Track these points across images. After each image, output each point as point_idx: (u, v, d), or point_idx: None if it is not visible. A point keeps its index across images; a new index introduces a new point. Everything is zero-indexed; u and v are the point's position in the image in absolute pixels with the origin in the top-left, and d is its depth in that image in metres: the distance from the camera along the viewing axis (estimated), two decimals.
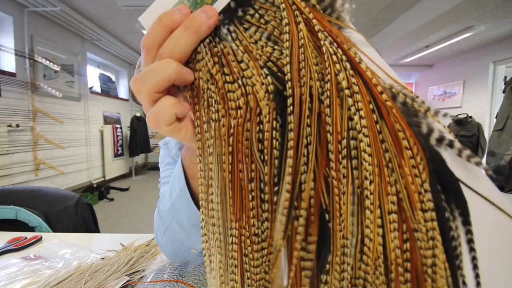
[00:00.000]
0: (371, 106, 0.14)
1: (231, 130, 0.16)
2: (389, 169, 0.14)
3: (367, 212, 0.14)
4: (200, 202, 0.18)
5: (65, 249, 0.62)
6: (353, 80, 0.15)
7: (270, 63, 0.16)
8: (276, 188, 0.15)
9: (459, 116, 4.46)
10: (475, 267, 0.13)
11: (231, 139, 0.16)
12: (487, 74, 4.30)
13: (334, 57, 0.15)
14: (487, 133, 4.28)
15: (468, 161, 0.14)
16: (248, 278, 0.16)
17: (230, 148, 0.16)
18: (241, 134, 0.16)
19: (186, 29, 0.16)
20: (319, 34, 0.15)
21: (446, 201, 0.14)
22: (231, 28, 0.16)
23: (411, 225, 0.13)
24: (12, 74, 2.67)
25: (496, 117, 3.88)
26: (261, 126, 0.15)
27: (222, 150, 0.16)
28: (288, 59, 0.15)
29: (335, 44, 0.15)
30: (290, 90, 0.15)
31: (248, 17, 0.16)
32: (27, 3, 2.73)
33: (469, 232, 0.14)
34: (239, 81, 0.16)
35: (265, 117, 0.15)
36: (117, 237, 0.70)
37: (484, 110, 4.38)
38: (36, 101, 2.92)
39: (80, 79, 3.73)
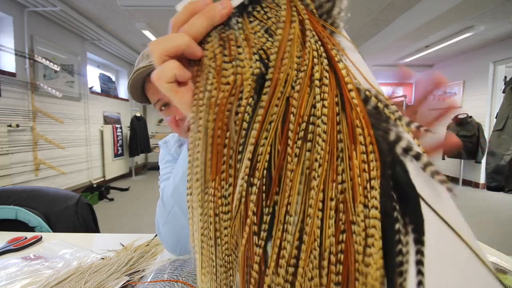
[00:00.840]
0: (336, 99, 0.16)
1: (218, 101, 0.18)
2: (339, 158, 0.15)
3: (312, 192, 0.14)
4: (189, 159, 0.20)
5: (65, 249, 0.62)
6: (326, 74, 0.16)
7: (261, 51, 0.18)
8: (239, 156, 0.17)
9: (459, 116, 4.46)
10: None
11: (216, 108, 0.18)
12: (487, 74, 4.30)
13: (314, 52, 0.17)
14: (487, 133, 4.28)
15: (432, 177, 0.14)
16: (218, 238, 0.17)
17: (214, 116, 0.18)
18: (224, 105, 0.18)
19: (203, 15, 0.20)
20: (307, 32, 0.17)
21: (400, 212, 0.13)
22: (239, 19, 0.20)
23: (349, 217, 0.13)
24: (12, 74, 2.67)
25: (496, 117, 3.88)
26: (241, 101, 0.18)
27: (208, 117, 0.18)
28: (276, 50, 0.17)
29: (319, 42, 0.17)
30: (271, 75, 0.17)
31: (255, 13, 0.20)
32: (27, 3, 2.73)
33: (419, 252, 0.13)
34: (233, 62, 0.19)
35: (245, 94, 0.17)
36: (117, 237, 0.70)
37: (484, 110, 4.38)
38: (36, 101, 2.92)
39: (80, 79, 3.73)
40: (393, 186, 0.14)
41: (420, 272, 0.13)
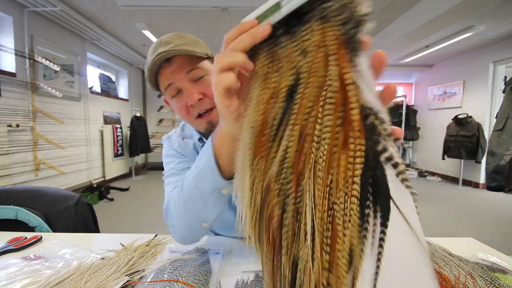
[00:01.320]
0: (340, 114, 0.20)
1: (264, 99, 0.26)
2: (335, 155, 0.20)
3: (318, 180, 0.20)
4: (241, 131, 0.28)
5: (65, 249, 0.62)
6: (335, 95, 0.21)
7: (295, 69, 0.24)
8: (271, 144, 0.25)
9: (459, 116, 4.47)
10: (378, 260, 0.17)
11: (262, 106, 0.26)
12: (487, 74, 4.30)
13: (332, 76, 0.22)
14: (487, 133, 4.28)
15: (402, 183, 0.18)
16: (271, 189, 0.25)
17: (262, 107, 0.26)
18: (267, 102, 0.26)
19: (249, 34, 0.28)
20: (330, 58, 0.22)
21: (372, 201, 0.18)
22: (283, 39, 0.26)
23: (333, 199, 0.19)
24: (12, 74, 2.68)
25: (496, 117, 3.88)
26: (276, 103, 0.25)
27: (255, 111, 0.26)
28: (305, 69, 0.24)
29: (338, 67, 0.22)
30: (299, 94, 0.23)
31: (296, 34, 0.25)
32: (27, 3, 2.73)
33: (383, 232, 0.18)
34: (276, 74, 0.26)
35: (280, 98, 0.25)
36: (117, 237, 0.70)
37: (484, 110, 4.38)
38: (36, 101, 2.92)
39: (80, 79, 3.73)
40: (372, 183, 0.18)
41: (381, 246, 0.17)
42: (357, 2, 0.22)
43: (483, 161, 4.13)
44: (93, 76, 4.41)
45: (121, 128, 4.78)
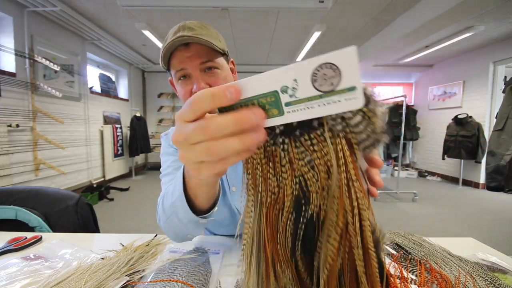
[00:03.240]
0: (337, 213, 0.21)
1: (267, 204, 0.24)
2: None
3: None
4: (243, 246, 0.26)
5: (65, 249, 0.62)
6: (353, 232, 0.21)
7: (302, 178, 0.22)
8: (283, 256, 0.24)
9: (459, 116, 4.46)
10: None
11: (265, 209, 0.24)
12: (487, 74, 4.30)
13: (346, 202, 0.21)
14: (487, 133, 4.28)
15: None
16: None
17: (265, 210, 0.24)
18: (271, 208, 0.24)
19: (210, 95, 0.21)
20: (349, 183, 0.21)
21: None
22: (286, 140, 0.22)
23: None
24: (12, 74, 2.67)
25: (496, 117, 3.88)
26: (282, 212, 0.23)
27: (259, 214, 0.24)
28: (315, 189, 0.22)
29: (347, 187, 0.21)
30: (309, 210, 0.23)
31: (302, 139, 0.22)
32: (27, 3, 2.73)
33: None
34: (277, 176, 0.23)
35: (286, 208, 0.23)
36: (117, 237, 0.70)
37: (484, 110, 4.38)
38: (36, 101, 2.92)
39: (80, 79, 3.73)
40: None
41: None
42: (378, 117, 0.21)
43: (483, 161, 4.12)
44: (93, 76, 4.41)
45: (121, 128, 4.77)
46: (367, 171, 0.24)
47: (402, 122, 3.74)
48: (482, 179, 4.38)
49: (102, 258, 0.57)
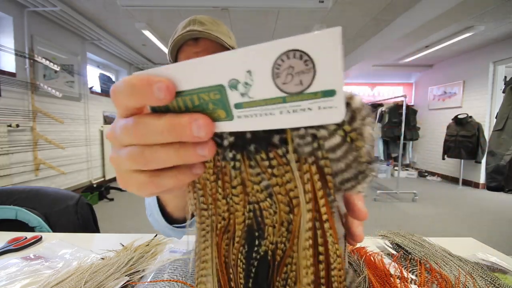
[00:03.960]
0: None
1: (217, 231, 0.19)
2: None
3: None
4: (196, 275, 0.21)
5: (65, 249, 0.62)
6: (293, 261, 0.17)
7: (257, 205, 0.17)
8: None
9: (459, 116, 4.46)
10: None
11: (216, 238, 0.19)
12: (487, 74, 4.30)
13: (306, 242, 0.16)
14: (487, 133, 4.28)
15: None
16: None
17: (216, 239, 0.19)
18: (221, 236, 0.19)
19: (135, 89, 0.14)
20: (308, 215, 0.16)
21: None
22: (237, 156, 0.16)
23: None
24: (12, 74, 2.67)
25: (496, 117, 3.88)
26: (233, 242, 0.19)
27: (211, 239, 0.20)
28: (271, 223, 0.17)
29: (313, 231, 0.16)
30: (263, 246, 0.18)
31: (258, 157, 0.16)
32: (27, 3, 2.73)
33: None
34: (228, 199, 0.18)
35: (237, 238, 0.18)
36: (117, 237, 0.70)
37: (484, 110, 4.38)
38: (36, 101, 2.92)
39: (80, 79, 3.73)
40: None
41: None
42: (365, 140, 0.15)
43: (483, 161, 4.13)
44: (93, 76, 4.41)
45: None
46: (345, 217, 0.19)
47: (402, 122, 3.75)
48: (482, 179, 4.38)
49: (102, 258, 0.57)
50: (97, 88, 4.47)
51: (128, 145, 0.16)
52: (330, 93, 0.12)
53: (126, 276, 0.49)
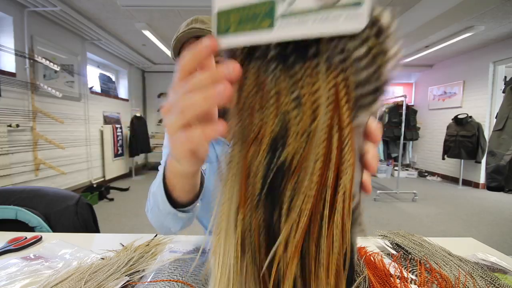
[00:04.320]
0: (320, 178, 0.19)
1: (248, 140, 0.21)
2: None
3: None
4: (223, 180, 0.23)
5: (65, 249, 0.62)
6: (330, 182, 0.18)
7: (284, 115, 0.19)
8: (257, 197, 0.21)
9: (459, 116, 4.46)
10: None
11: (245, 150, 0.21)
12: (487, 74, 4.30)
13: (333, 163, 0.18)
14: (487, 133, 4.28)
15: None
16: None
17: (244, 151, 0.21)
18: (249, 147, 0.21)
19: (190, 53, 0.22)
20: (333, 132, 0.18)
21: None
22: (278, 67, 0.19)
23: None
24: (12, 74, 2.67)
25: (496, 117, 3.87)
26: (258, 150, 0.20)
27: (240, 150, 0.22)
28: (296, 130, 0.19)
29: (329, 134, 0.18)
30: (283, 155, 0.19)
31: (295, 69, 0.18)
32: (27, 3, 2.73)
33: None
34: (262, 112, 0.20)
35: (263, 147, 0.20)
36: (117, 237, 0.70)
37: (484, 110, 4.38)
38: (36, 101, 2.92)
39: (80, 79, 3.73)
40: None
41: None
42: (388, 57, 0.17)
43: (483, 161, 4.13)
44: (93, 76, 4.41)
45: (121, 128, 4.77)
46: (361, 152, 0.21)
47: (402, 122, 3.74)
48: (482, 179, 4.38)
49: (102, 258, 0.57)
50: (97, 88, 4.47)
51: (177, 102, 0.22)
52: (357, 3, 0.15)
53: (126, 276, 0.49)
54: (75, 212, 0.95)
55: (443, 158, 4.76)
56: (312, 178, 0.18)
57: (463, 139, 4.36)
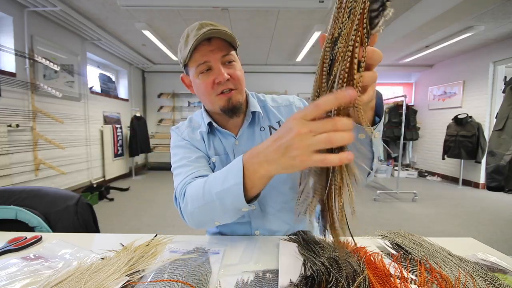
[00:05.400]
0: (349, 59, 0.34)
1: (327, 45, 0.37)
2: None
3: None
4: (317, 71, 0.38)
5: (65, 249, 0.62)
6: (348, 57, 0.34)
7: (339, 28, 0.35)
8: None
9: (459, 116, 4.46)
10: None
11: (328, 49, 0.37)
12: (487, 74, 4.30)
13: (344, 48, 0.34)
14: (487, 133, 4.28)
15: None
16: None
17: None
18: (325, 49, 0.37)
19: (334, 98, 0.34)
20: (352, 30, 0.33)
21: None
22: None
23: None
24: (12, 74, 2.67)
25: (496, 117, 3.87)
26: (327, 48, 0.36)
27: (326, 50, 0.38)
28: (343, 32, 0.34)
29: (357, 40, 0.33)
30: (335, 50, 0.35)
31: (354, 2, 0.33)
32: (27, 3, 2.73)
33: None
34: (336, 24, 0.35)
35: (327, 44, 0.36)
36: (117, 237, 0.70)
37: (484, 110, 4.38)
38: (36, 101, 2.92)
39: (80, 79, 3.73)
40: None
41: None
42: None
43: (483, 161, 4.13)
44: (93, 76, 4.41)
45: (121, 128, 4.78)
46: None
47: (402, 122, 3.74)
48: (482, 179, 4.37)
49: (102, 258, 0.57)
50: (97, 88, 4.47)
51: (321, 133, 0.35)
52: None
53: (126, 276, 0.49)
54: (75, 212, 0.95)
55: (443, 158, 4.76)
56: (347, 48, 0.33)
57: (463, 139, 4.36)
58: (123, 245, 0.63)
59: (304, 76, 6.09)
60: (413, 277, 0.50)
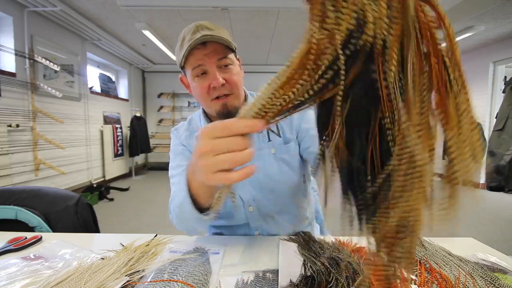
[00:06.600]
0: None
1: (316, 41, 0.29)
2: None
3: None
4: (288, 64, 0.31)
5: (65, 249, 0.62)
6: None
7: (361, 12, 0.23)
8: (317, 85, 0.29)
9: None
10: None
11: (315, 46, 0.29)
12: (487, 74, 4.30)
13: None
14: (487, 133, 4.28)
15: None
16: None
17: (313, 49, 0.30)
18: (318, 46, 0.29)
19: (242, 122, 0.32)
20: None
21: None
22: None
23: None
24: (12, 74, 2.67)
25: (496, 117, 3.88)
26: (331, 49, 0.27)
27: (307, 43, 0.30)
28: (371, 19, 0.23)
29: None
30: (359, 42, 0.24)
31: None
32: (27, 3, 2.73)
33: None
34: (337, 13, 0.26)
35: (337, 41, 0.26)
36: (117, 237, 0.70)
37: (484, 110, 4.38)
38: (36, 101, 2.92)
39: (80, 79, 3.74)
40: None
41: None
42: None
43: (483, 161, 4.12)
44: (93, 76, 4.41)
45: (121, 128, 4.78)
46: None
47: None
48: (482, 179, 4.37)
49: (102, 258, 0.57)
50: (97, 88, 4.47)
51: (221, 154, 0.32)
52: None
53: (126, 276, 0.49)
54: (75, 212, 0.95)
55: (443, 158, 4.76)
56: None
57: None
58: (123, 245, 0.63)
59: None
60: (413, 277, 0.50)
